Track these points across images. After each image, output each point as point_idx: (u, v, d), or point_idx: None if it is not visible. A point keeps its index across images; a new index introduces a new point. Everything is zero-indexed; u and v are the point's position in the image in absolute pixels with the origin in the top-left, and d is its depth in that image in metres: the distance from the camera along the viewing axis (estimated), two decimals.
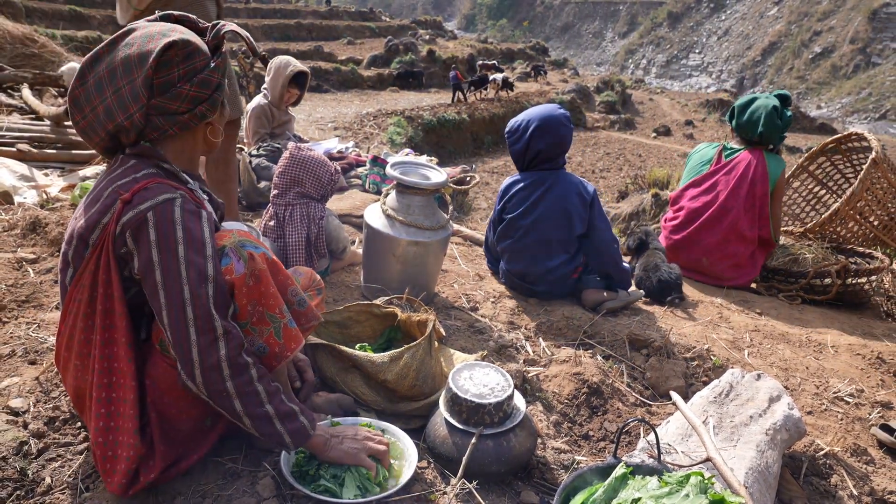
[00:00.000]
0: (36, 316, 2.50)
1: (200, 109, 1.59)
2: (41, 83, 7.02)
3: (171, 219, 1.47)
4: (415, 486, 1.75)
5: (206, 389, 1.46)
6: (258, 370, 1.53)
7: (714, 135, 23.18)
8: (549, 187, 3.22)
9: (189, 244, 1.47)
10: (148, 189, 1.49)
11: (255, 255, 1.58)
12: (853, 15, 52.87)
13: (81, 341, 1.57)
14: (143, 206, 1.46)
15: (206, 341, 1.44)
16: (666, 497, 1.44)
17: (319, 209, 3.02)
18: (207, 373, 1.44)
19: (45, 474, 1.64)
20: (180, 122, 1.58)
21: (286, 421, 1.55)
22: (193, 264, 1.46)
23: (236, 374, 1.47)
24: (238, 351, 1.48)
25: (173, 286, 1.44)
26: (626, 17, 78.07)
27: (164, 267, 1.44)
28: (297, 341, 1.66)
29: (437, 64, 25.83)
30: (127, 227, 1.46)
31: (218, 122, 1.72)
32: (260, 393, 1.51)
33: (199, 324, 1.44)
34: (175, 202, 1.49)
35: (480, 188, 11.28)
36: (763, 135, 4.25)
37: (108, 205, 1.51)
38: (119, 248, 1.49)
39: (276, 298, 1.62)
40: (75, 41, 17.92)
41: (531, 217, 3.22)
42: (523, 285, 3.36)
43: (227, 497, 1.62)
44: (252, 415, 1.51)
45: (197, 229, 1.50)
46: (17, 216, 3.51)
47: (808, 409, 2.58)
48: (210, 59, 1.59)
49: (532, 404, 2.30)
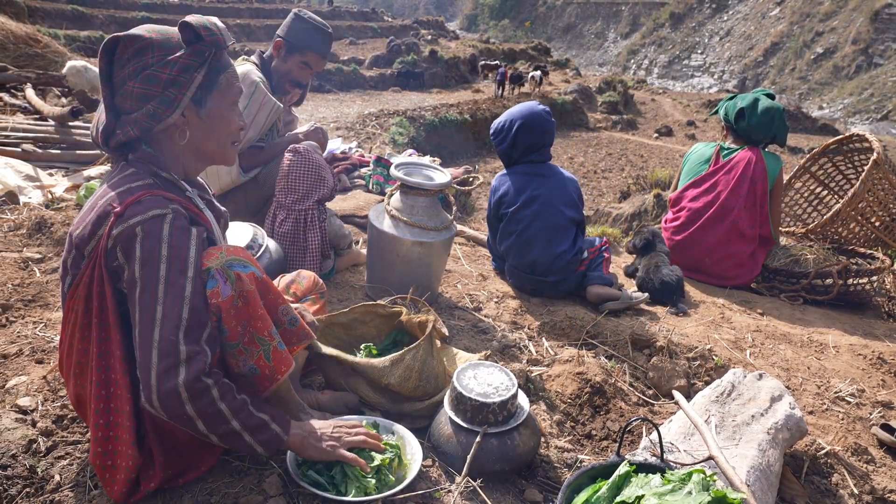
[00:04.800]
0: (42, 315, 2.52)
1: (149, 108, 1.50)
2: (45, 83, 7.05)
3: (159, 236, 1.45)
4: (420, 484, 1.76)
5: (167, 414, 1.42)
6: (220, 388, 1.47)
7: (716, 135, 23.13)
8: (544, 177, 3.34)
9: (172, 263, 1.44)
10: (140, 202, 1.46)
11: (242, 276, 1.55)
12: (855, 16, 52.82)
13: (79, 351, 1.57)
14: (134, 220, 1.44)
15: (165, 366, 1.39)
16: (669, 494, 1.45)
17: (321, 211, 3.03)
18: (164, 399, 1.40)
19: (53, 472, 1.66)
20: (135, 122, 1.51)
21: (256, 433, 1.52)
22: (173, 285, 1.43)
23: (195, 398, 1.42)
24: (197, 375, 1.42)
25: (148, 305, 1.42)
26: (629, 17, 78.03)
27: (143, 284, 1.42)
28: (287, 364, 1.65)
29: (439, 64, 25.80)
30: (118, 242, 1.45)
31: (190, 124, 1.60)
32: (223, 412, 1.46)
33: (163, 347, 1.40)
34: (165, 218, 1.46)
35: (483, 188, 11.27)
36: (776, 136, 4.29)
37: (101, 216, 1.49)
38: (111, 261, 1.47)
39: (265, 321, 1.61)
40: (78, 41, 17.99)
41: (533, 206, 3.29)
42: (533, 278, 3.38)
43: (234, 495, 1.64)
44: (218, 433, 1.47)
45: (183, 247, 1.47)
46: (22, 216, 3.53)
47: (809, 409, 2.59)
48: (167, 55, 1.51)
49: (535, 403, 2.31)
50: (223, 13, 30.32)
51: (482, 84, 26.14)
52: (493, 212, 3.44)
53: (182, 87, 1.53)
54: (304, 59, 3.17)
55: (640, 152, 19.46)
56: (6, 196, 3.84)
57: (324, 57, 3.22)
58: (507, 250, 3.43)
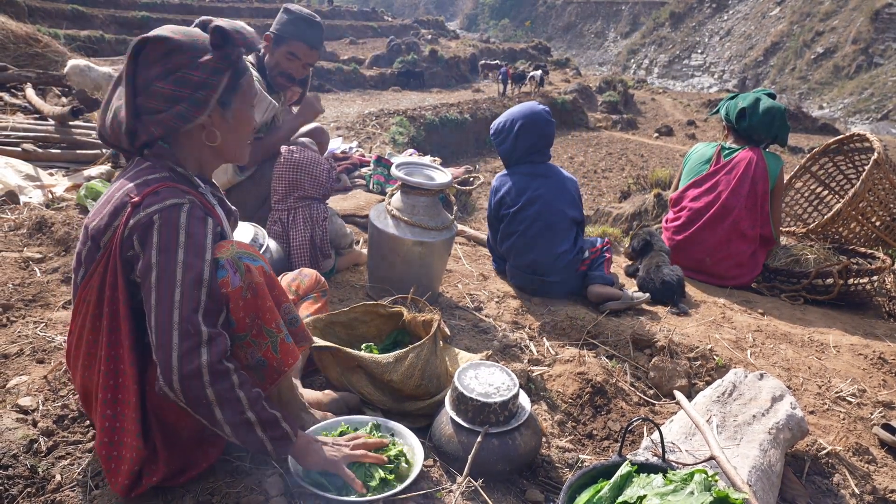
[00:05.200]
0: (43, 315, 2.52)
1: (178, 109, 1.54)
2: (45, 83, 7.05)
3: (177, 223, 1.47)
4: (421, 483, 1.76)
5: (185, 396, 1.42)
6: (239, 376, 1.49)
7: (717, 135, 23.14)
8: (546, 176, 3.36)
9: (189, 248, 1.47)
10: (157, 193, 1.50)
11: (252, 268, 1.58)
12: (855, 15, 52.76)
13: (89, 341, 1.58)
14: (151, 209, 1.47)
15: (188, 346, 1.41)
16: (671, 494, 1.45)
17: (322, 209, 3.03)
18: (187, 379, 1.40)
19: (54, 472, 1.65)
20: (160, 122, 1.54)
21: (268, 428, 1.52)
22: (191, 267, 1.45)
23: (216, 381, 1.43)
24: (220, 357, 1.45)
25: (167, 287, 1.43)
26: (629, 16, 77.98)
27: (161, 268, 1.44)
28: (294, 356, 1.66)
29: (440, 64, 25.82)
30: (135, 230, 1.47)
31: (215, 125, 1.64)
32: (241, 400, 1.47)
33: (185, 327, 1.42)
34: (182, 207, 1.49)
35: (484, 188, 11.28)
36: (778, 136, 4.28)
37: (118, 207, 1.52)
38: (126, 251, 1.49)
39: (273, 313, 1.62)
40: (78, 41, 17.99)
41: (535, 206, 3.30)
42: (535, 278, 3.39)
43: (235, 495, 1.63)
44: (232, 422, 1.47)
45: (200, 234, 1.50)
46: (23, 216, 3.53)
47: (810, 409, 2.59)
48: (198, 58, 1.55)
49: (537, 403, 2.31)
50: (223, 13, 30.34)
51: (482, 83, 26.15)
52: (494, 212, 3.45)
53: (211, 90, 1.57)
54: (290, 49, 3.09)
55: (640, 152, 19.45)
56: (6, 196, 3.84)
57: (311, 47, 3.12)
58: (509, 250, 3.43)
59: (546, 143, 3.40)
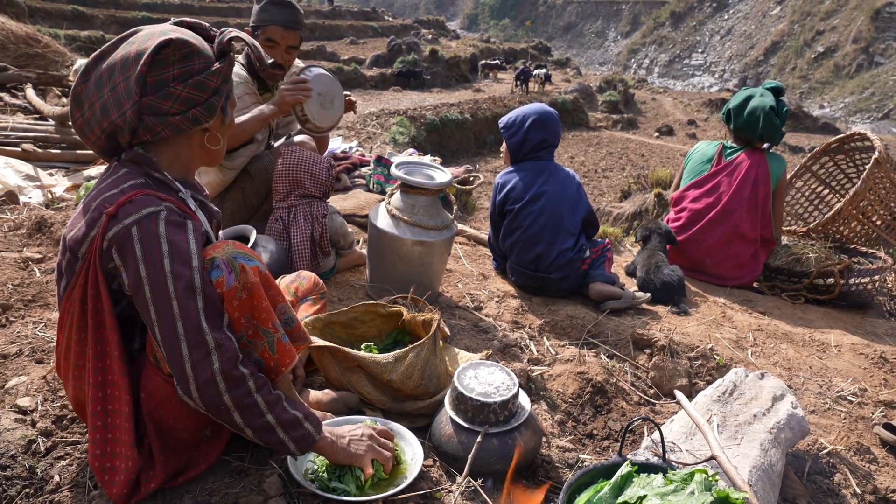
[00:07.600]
0: (42, 315, 2.52)
1: (194, 112, 1.55)
2: (45, 83, 7.05)
3: (156, 233, 1.45)
4: (421, 483, 1.76)
5: (204, 404, 1.45)
6: (256, 380, 1.50)
7: (717, 134, 23.13)
8: (551, 173, 3.40)
9: (175, 257, 1.45)
10: (133, 202, 1.47)
11: (247, 268, 1.57)
12: (856, 14, 52.75)
13: (77, 353, 1.57)
14: (128, 220, 1.45)
15: (198, 356, 1.43)
16: (671, 494, 1.45)
17: (322, 207, 3.03)
18: (203, 388, 1.43)
19: (53, 472, 1.65)
20: (171, 124, 1.54)
21: (290, 429, 1.54)
22: (181, 277, 1.44)
23: (232, 388, 1.45)
24: (233, 364, 1.46)
25: (162, 301, 1.43)
26: (629, 16, 78.00)
27: (152, 282, 1.43)
28: (291, 357, 1.66)
29: (440, 64, 25.79)
30: (113, 243, 1.45)
31: (218, 129, 1.68)
32: (259, 404, 1.49)
33: (191, 338, 1.42)
34: (159, 215, 1.47)
35: (484, 188, 11.28)
36: (763, 136, 4.25)
37: (94, 218, 1.49)
38: (106, 262, 1.48)
39: (269, 313, 1.62)
40: (78, 41, 17.98)
41: (540, 202, 3.32)
42: (536, 275, 3.39)
43: (234, 495, 1.63)
44: (253, 426, 1.49)
45: (182, 241, 1.48)
46: (22, 216, 3.53)
47: (811, 409, 2.59)
48: (212, 63, 1.57)
49: (537, 403, 2.30)
50: (223, 13, 30.31)
51: (483, 83, 26.14)
52: (498, 208, 3.45)
53: (222, 96, 1.61)
54: (266, 36, 3.00)
55: (640, 151, 19.45)
56: (6, 196, 3.84)
57: (286, 27, 3.00)
58: (512, 246, 3.42)
59: (554, 141, 3.47)
